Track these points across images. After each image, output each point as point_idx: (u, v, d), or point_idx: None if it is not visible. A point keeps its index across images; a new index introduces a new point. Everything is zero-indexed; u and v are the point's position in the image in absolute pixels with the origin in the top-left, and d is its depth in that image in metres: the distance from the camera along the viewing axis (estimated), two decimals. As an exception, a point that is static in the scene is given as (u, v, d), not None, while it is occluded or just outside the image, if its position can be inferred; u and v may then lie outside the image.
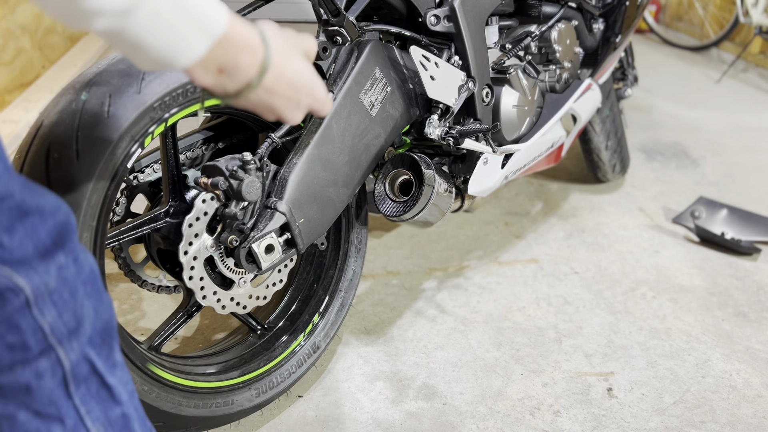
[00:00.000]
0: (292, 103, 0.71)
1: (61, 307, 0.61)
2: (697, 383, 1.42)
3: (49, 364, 0.61)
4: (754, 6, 3.64)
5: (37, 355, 0.60)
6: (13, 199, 0.57)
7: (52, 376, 0.61)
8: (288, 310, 1.38)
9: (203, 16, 0.57)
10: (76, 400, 0.64)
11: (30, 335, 0.59)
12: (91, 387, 0.65)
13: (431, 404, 1.34)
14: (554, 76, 1.67)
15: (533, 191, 2.28)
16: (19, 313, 0.58)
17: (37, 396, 0.61)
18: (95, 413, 0.66)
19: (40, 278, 0.59)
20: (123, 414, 0.68)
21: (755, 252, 1.92)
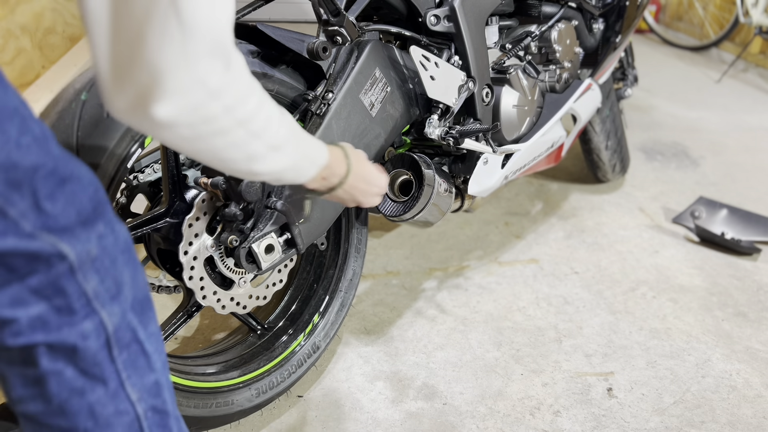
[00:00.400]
0: (367, 192, 1.01)
1: (103, 274, 0.65)
2: (697, 383, 1.42)
3: (93, 326, 0.65)
4: (754, 6, 3.64)
5: (82, 318, 0.64)
6: (47, 167, 0.61)
7: (97, 338, 0.66)
8: (288, 310, 1.38)
9: (315, 158, 0.86)
10: (119, 364, 0.68)
11: (75, 299, 0.64)
12: (132, 353, 0.69)
13: (431, 404, 1.34)
14: (554, 76, 1.67)
15: (533, 191, 2.28)
16: (64, 278, 0.63)
17: (83, 356, 0.65)
18: (134, 379, 0.70)
19: (82, 246, 0.63)
20: (156, 381, 0.73)
21: (755, 252, 1.91)
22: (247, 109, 0.68)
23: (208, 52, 0.61)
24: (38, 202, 0.60)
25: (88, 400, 0.67)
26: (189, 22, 0.58)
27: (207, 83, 0.62)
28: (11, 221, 0.59)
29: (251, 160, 0.73)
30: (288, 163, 0.78)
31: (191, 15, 0.58)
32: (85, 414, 0.67)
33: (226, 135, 0.68)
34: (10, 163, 0.58)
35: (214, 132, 0.66)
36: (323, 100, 1.14)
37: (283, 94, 1.16)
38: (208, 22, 0.60)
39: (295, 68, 1.17)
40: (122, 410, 0.69)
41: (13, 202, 0.59)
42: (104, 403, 0.68)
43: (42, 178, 0.61)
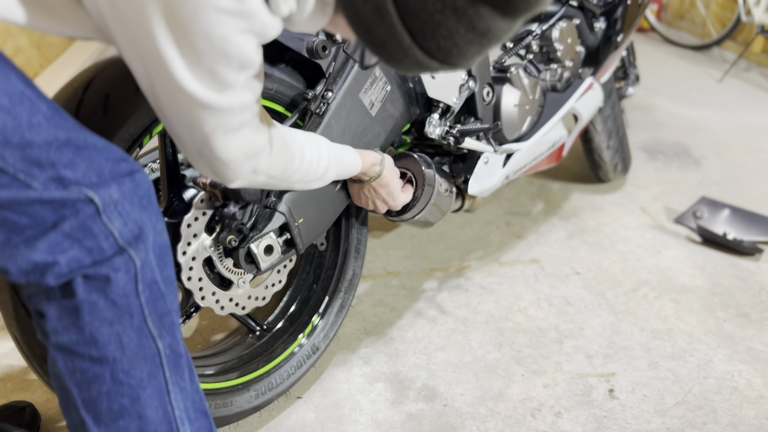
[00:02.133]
0: (384, 201, 1.21)
1: (126, 217, 0.72)
2: (699, 384, 1.41)
3: (123, 261, 0.72)
4: (756, 5, 3.62)
5: (112, 256, 0.71)
6: (59, 139, 0.68)
7: (126, 272, 0.73)
8: (287, 311, 1.38)
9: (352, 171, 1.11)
10: (143, 299, 0.75)
11: (103, 239, 0.71)
12: (153, 291, 0.76)
13: (431, 406, 1.33)
14: (555, 75, 1.66)
15: (534, 191, 2.27)
16: (91, 219, 0.70)
17: (115, 287, 0.72)
18: (154, 316, 0.76)
19: (104, 191, 0.70)
20: (172, 322, 0.79)
21: (757, 252, 1.91)
22: (289, 171, 0.93)
23: (245, 162, 0.83)
24: (58, 172, 0.67)
25: (116, 330, 0.73)
26: (224, 159, 0.81)
27: (256, 170, 0.86)
28: (35, 192, 0.66)
29: (294, 189, 1.05)
30: (329, 181, 1.05)
31: (224, 153, 0.80)
32: (114, 344, 0.73)
33: (271, 186, 0.95)
34: (25, 142, 0.65)
35: (263, 185, 0.93)
36: (323, 99, 1.13)
37: (283, 93, 1.15)
38: (238, 151, 0.81)
39: (295, 67, 1.16)
40: (145, 344, 0.76)
41: (34, 176, 0.66)
42: (130, 335, 0.74)
43: (57, 150, 0.67)
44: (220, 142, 0.78)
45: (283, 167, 0.90)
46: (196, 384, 0.84)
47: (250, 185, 0.89)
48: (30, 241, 0.68)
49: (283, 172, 0.91)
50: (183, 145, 0.81)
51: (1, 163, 0.65)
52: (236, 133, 0.78)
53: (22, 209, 0.67)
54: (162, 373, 0.78)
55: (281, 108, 1.17)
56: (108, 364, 0.74)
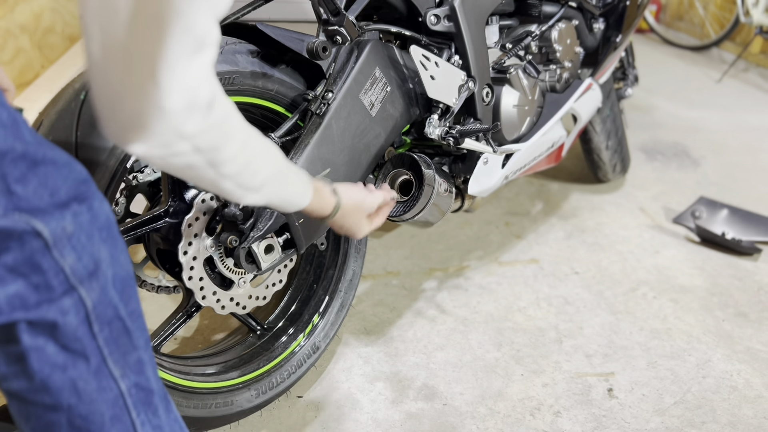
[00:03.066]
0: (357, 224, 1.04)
1: (80, 251, 0.65)
2: (697, 384, 1.42)
3: (72, 302, 0.66)
4: (755, 6, 3.63)
5: (60, 295, 0.65)
6: (15, 152, 0.61)
7: (76, 314, 0.66)
8: (288, 311, 1.38)
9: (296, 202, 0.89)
10: (100, 340, 0.69)
11: (52, 276, 0.64)
12: (113, 330, 0.70)
13: (431, 405, 1.33)
14: (555, 76, 1.67)
15: (534, 191, 2.27)
16: (39, 254, 0.63)
17: (64, 332, 0.66)
18: (116, 355, 0.70)
19: (57, 223, 0.63)
20: (139, 359, 0.73)
21: (756, 252, 1.91)
22: (222, 154, 0.71)
23: (184, 107, 0.64)
24: (8, 185, 0.60)
25: (70, 375, 0.67)
26: (164, 84, 0.62)
27: (182, 131, 0.65)
28: None
29: (223, 193, 0.77)
30: (264, 202, 0.83)
31: (167, 77, 0.62)
32: (69, 390, 0.68)
33: (195, 170, 0.71)
34: None
35: (184, 165, 0.70)
36: (323, 100, 1.14)
37: (283, 94, 1.15)
38: (184, 81, 0.63)
39: (295, 68, 1.17)
40: (105, 387, 0.70)
41: None
42: (87, 379, 0.69)
43: (11, 163, 0.61)
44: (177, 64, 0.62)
45: (215, 143, 0.70)
46: (173, 415, 0.79)
47: (161, 160, 0.68)
48: None
49: (215, 151, 0.70)
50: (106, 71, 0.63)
51: None
52: (194, 58, 0.63)
53: None
54: (128, 414, 0.72)
55: (282, 108, 1.17)
56: (63, 410, 0.68)
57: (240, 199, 0.79)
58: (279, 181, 0.83)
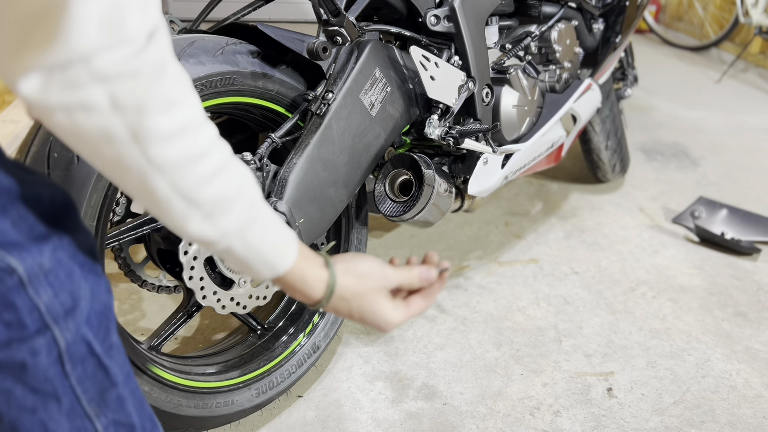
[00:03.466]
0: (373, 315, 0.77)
1: (57, 288, 0.61)
2: (697, 383, 1.42)
3: (45, 342, 0.61)
4: (754, 6, 3.64)
5: (33, 334, 0.60)
6: (3, 184, 0.58)
7: (48, 355, 0.61)
8: (288, 310, 1.38)
9: (268, 259, 0.67)
10: (73, 379, 0.64)
11: (26, 314, 0.59)
12: (87, 367, 0.65)
13: (431, 404, 1.34)
14: (554, 76, 1.67)
15: (533, 191, 2.28)
16: (13, 291, 0.58)
17: (33, 373, 0.61)
18: (91, 393, 0.66)
19: (33, 259, 0.59)
20: (118, 396, 0.69)
21: (755, 252, 1.92)
22: (151, 122, 0.52)
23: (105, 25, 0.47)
24: None
25: (40, 417, 0.63)
26: None
27: (96, 63, 0.48)
28: None
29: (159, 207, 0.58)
30: (219, 240, 0.62)
31: None
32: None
33: (113, 146, 0.52)
34: None
35: (97, 133, 0.52)
36: (323, 100, 1.14)
37: (283, 94, 1.16)
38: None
39: (295, 68, 1.17)
40: (79, 427, 0.66)
41: None
42: (58, 420, 0.64)
43: None
44: None
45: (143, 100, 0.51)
46: None
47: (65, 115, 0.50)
48: None
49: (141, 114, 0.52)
50: None
51: None
52: None
53: None
54: None
55: (282, 109, 1.18)
56: None
57: (182, 225, 0.60)
58: (247, 212, 0.63)
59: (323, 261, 0.73)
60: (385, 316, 0.76)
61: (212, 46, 1.06)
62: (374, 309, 0.75)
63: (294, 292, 0.71)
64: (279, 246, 0.67)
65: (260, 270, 0.67)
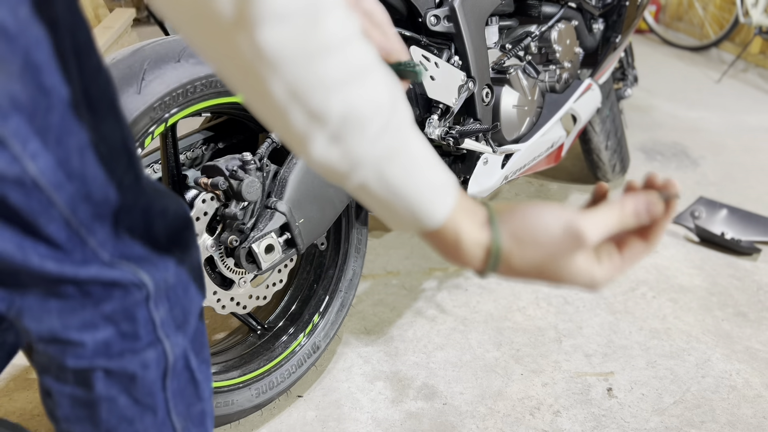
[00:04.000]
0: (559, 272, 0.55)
1: (174, 302, 0.62)
2: (697, 383, 1.42)
3: (155, 356, 0.62)
4: (754, 6, 3.64)
5: (145, 346, 0.61)
6: (132, 206, 0.58)
7: (156, 369, 0.63)
8: (288, 310, 1.38)
9: (413, 205, 0.50)
10: (169, 392, 0.65)
11: (142, 326, 0.60)
12: (181, 381, 0.66)
13: (431, 404, 1.34)
14: (554, 76, 1.67)
15: (533, 191, 2.28)
16: (138, 306, 0.59)
17: (140, 385, 0.63)
18: (180, 408, 0.67)
19: (161, 274, 0.60)
20: (202, 411, 0.70)
21: (755, 252, 1.91)
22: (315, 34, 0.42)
23: None
24: (118, 231, 0.57)
25: (136, 428, 0.64)
26: None
27: None
28: (90, 250, 0.55)
29: (275, 121, 0.46)
30: (352, 181, 0.48)
31: None
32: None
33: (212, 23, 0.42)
34: (105, 200, 0.55)
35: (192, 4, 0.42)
36: (323, 100, 1.14)
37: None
38: None
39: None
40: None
41: (93, 231, 0.55)
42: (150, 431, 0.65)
43: (124, 213, 0.57)
44: None
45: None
46: None
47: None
48: (64, 312, 0.57)
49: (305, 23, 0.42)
50: None
51: (75, 224, 0.53)
52: None
53: (78, 284, 0.56)
54: None
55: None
56: None
57: (304, 146, 0.46)
58: (390, 138, 0.47)
59: (486, 216, 0.53)
60: (585, 277, 0.54)
61: (212, 46, 1.05)
62: (565, 274, 0.54)
63: (446, 253, 0.53)
64: (429, 190, 0.50)
65: (402, 218, 0.51)
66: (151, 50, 1.01)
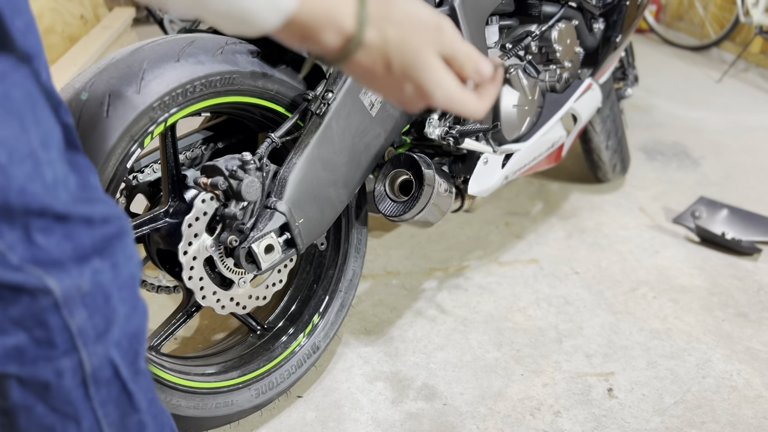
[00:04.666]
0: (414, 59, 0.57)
1: (93, 310, 0.61)
2: (697, 384, 1.42)
3: (71, 365, 0.61)
4: (755, 6, 3.63)
5: (60, 354, 0.60)
6: (49, 211, 0.57)
7: (72, 377, 0.62)
8: (288, 311, 1.38)
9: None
10: (95, 402, 0.64)
11: (57, 333, 0.59)
12: (111, 391, 0.65)
13: (431, 405, 1.33)
14: (554, 76, 1.67)
15: (533, 191, 2.27)
16: (47, 311, 0.58)
17: (56, 393, 0.61)
18: (112, 417, 0.66)
19: (72, 281, 0.59)
20: (139, 421, 0.68)
21: (756, 252, 1.91)
22: None
23: None
24: (29, 234, 0.56)
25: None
26: None
27: None
28: None
29: None
30: None
31: None
32: None
33: None
34: (11, 204, 0.55)
35: None
36: (323, 100, 1.14)
37: (283, 94, 1.16)
38: None
39: (295, 68, 1.17)
40: None
41: (1, 234, 0.55)
42: None
43: (38, 216, 0.56)
44: None
45: None
46: None
47: None
48: None
49: None
50: None
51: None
52: None
53: None
54: None
55: (282, 108, 1.17)
56: None
57: None
58: None
59: None
60: (438, 74, 0.57)
61: (212, 45, 1.05)
62: (422, 62, 0.56)
63: (310, 34, 0.55)
64: None
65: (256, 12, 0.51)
66: (150, 50, 1.00)
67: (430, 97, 0.60)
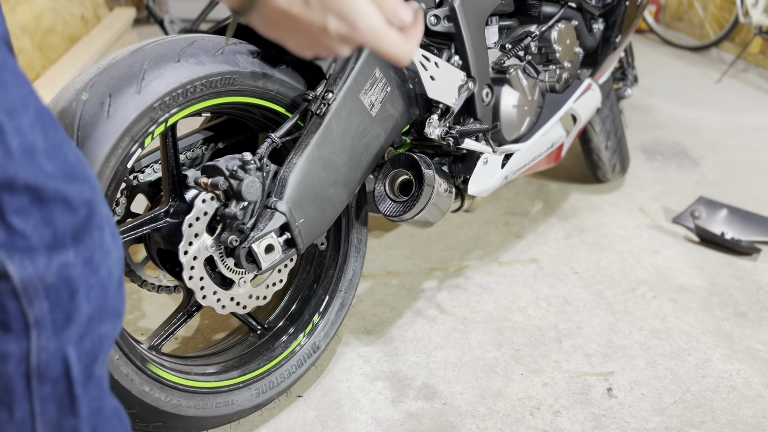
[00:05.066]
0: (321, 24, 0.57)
1: (55, 304, 0.58)
2: (697, 383, 1.42)
3: (18, 352, 0.58)
4: (754, 6, 3.64)
5: (11, 339, 0.57)
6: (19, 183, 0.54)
7: (17, 366, 0.59)
8: (288, 310, 1.38)
9: None
10: (35, 396, 0.61)
11: (12, 318, 0.57)
12: (57, 389, 0.62)
13: (431, 404, 1.34)
14: (554, 76, 1.67)
15: (533, 191, 2.28)
16: (5, 295, 0.56)
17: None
18: (49, 416, 0.63)
19: (35, 270, 0.56)
20: (75, 427, 0.65)
21: (755, 252, 1.91)
22: None
23: None
24: (5, 216, 0.53)
25: None
26: None
27: None
28: None
29: None
30: None
31: None
32: None
33: None
34: None
35: None
36: (323, 100, 1.14)
37: (284, 94, 1.16)
38: None
39: (295, 68, 1.17)
40: None
41: None
42: (4, 429, 0.61)
43: (10, 193, 0.53)
44: None
45: None
46: None
47: None
48: None
49: None
50: None
51: None
52: None
53: None
54: None
55: (282, 109, 1.18)
56: None
57: None
58: None
59: None
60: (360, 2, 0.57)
61: (212, 46, 1.06)
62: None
63: None
64: None
65: None
66: (151, 50, 1.01)
67: (354, 27, 0.57)
